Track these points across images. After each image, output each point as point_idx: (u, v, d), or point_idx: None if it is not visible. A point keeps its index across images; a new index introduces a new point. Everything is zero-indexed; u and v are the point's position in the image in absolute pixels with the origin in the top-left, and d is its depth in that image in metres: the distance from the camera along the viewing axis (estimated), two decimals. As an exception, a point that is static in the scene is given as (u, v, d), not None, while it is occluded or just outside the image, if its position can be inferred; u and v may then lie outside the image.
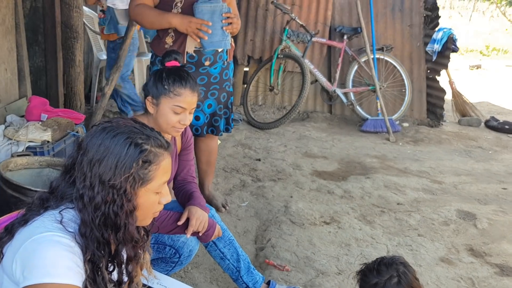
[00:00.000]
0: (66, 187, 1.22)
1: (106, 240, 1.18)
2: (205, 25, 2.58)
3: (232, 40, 2.86)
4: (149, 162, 1.19)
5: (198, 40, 2.62)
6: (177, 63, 2.03)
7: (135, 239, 1.24)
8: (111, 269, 1.23)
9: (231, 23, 2.68)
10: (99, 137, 1.19)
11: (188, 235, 1.95)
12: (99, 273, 1.18)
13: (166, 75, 1.96)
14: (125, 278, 1.30)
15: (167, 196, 1.29)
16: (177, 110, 1.97)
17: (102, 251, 1.18)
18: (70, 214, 1.19)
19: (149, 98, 1.98)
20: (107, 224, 1.17)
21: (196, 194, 2.13)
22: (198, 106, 2.20)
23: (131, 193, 1.18)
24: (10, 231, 1.19)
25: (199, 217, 1.96)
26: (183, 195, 2.17)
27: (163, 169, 1.23)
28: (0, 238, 1.20)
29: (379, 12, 5.51)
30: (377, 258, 1.59)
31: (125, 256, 1.28)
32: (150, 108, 1.99)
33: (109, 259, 1.22)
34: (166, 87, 1.94)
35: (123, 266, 1.27)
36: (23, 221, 1.19)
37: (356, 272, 1.61)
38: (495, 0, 12.09)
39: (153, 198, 1.24)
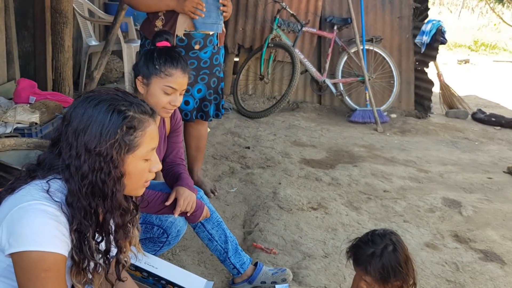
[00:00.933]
0: (53, 159, 1.22)
1: (93, 209, 1.18)
2: (200, 5, 2.58)
3: (224, 25, 2.87)
4: (133, 128, 1.19)
5: (196, 18, 2.62)
6: (168, 44, 2.04)
7: (123, 207, 1.25)
8: (98, 239, 1.24)
9: (225, 5, 2.69)
10: (82, 106, 1.19)
11: (176, 215, 1.96)
12: (86, 242, 1.18)
13: (157, 55, 1.96)
14: (113, 248, 1.30)
15: (157, 164, 1.29)
16: (168, 91, 1.97)
17: (89, 221, 1.18)
18: (57, 184, 1.19)
19: (140, 77, 1.98)
20: (95, 192, 1.17)
21: (184, 175, 2.14)
22: (187, 90, 2.21)
23: (117, 159, 1.18)
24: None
25: (187, 197, 1.97)
26: (171, 177, 2.17)
27: (149, 135, 1.23)
28: None
29: (369, 3, 5.53)
30: (368, 231, 1.62)
31: (113, 226, 1.29)
32: (141, 88, 1.99)
33: (97, 229, 1.22)
34: (157, 67, 1.94)
35: (111, 235, 1.27)
36: (10, 189, 1.19)
37: (348, 248, 1.64)
38: (484, -4, 12.18)
39: (142, 165, 1.24)
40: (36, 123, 2.77)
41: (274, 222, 2.83)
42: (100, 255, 1.25)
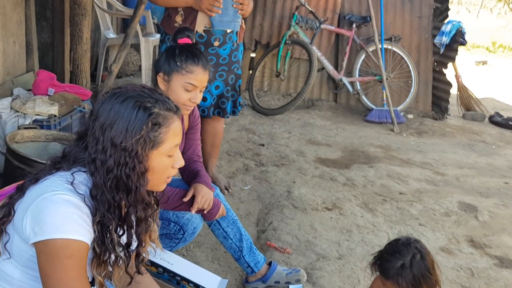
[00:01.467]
0: (79, 152, 1.25)
1: (117, 202, 1.21)
2: (217, 2, 2.58)
3: (243, 22, 2.86)
4: (158, 124, 1.22)
5: (213, 15, 2.61)
6: (189, 40, 2.03)
7: (146, 201, 1.27)
8: (120, 232, 1.25)
9: (242, 3, 2.68)
10: (109, 102, 1.22)
11: (193, 212, 1.96)
12: (108, 235, 1.20)
13: (178, 51, 1.95)
14: (134, 242, 1.32)
15: (180, 160, 1.31)
16: (188, 88, 1.97)
17: (113, 214, 1.20)
18: (81, 177, 1.21)
19: (161, 74, 1.98)
20: (119, 186, 1.20)
21: (202, 172, 2.14)
22: (205, 87, 2.20)
23: (142, 155, 1.20)
24: (21, 189, 1.22)
25: (205, 195, 1.97)
26: (188, 174, 2.17)
27: (173, 131, 1.25)
28: (11, 196, 1.23)
29: (389, 2, 5.48)
30: (389, 242, 1.60)
31: (134, 220, 1.30)
32: (161, 85, 1.99)
33: (119, 222, 1.24)
34: (178, 63, 1.94)
35: (133, 229, 1.29)
36: (34, 179, 1.21)
37: (372, 260, 1.61)
38: (504, -3, 12.00)
39: (165, 161, 1.27)
40: (54, 115, 2.78)
41: (288, 221, 2.83)
42: (121, 248, 1.27)
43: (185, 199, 1.95)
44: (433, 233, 2.90)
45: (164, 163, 1.26)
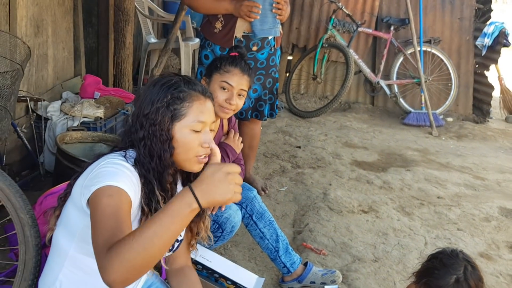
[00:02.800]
0: (128, 132, 1.40)
1: (153, 167, 1.33)
2: (256, 8, 2.64)
3: (281, 27, 2.91)
4: (180, 98, 1.35)
5: (251, 20, 2.68)
6: (237, 54, 2.13)
7: (173, 167, 1.38)
8: (163, 193, 1.37)
9: (280, 9, 2.73)
10: (147, 85, 1.42)
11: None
12: (153, 194, 1.33)
13: (221, 57, 2.07)
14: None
15: (210, 142, 1.37)
16: (224, 86, 2.06)
17: (153, 176, 1.33)
18: (133, 152, 1.36)
19: (204, 78, 2.10)
20: (151, 153, 1.33)
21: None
22: (245, 92, 2.26)
23: (163, 122, 1.33)
24: (82, 167, 1.36)
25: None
26: None
27: (197, 107, 1.36)
28: (74, 179, 1.37)
29: (428, 4, 5.40)
30: (433, 256, 1.53)
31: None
32: (204, 87, 2.09)
33: (160, 185, 1.35)
34: (218, 65, 2.06)
35: (169, 191, 1.41)
36: (95, 158, 1.35)
37: (417, 276, 1.54)
38: (552, -5, 11.52)
39: (190, 135, 1.35)
40: (100, 118, 2.92)
41: (324, 223, 2.85)
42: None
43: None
44: (472, 238, 2.86)
45: (188, 137, 1.35)
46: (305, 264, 2.27)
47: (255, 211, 2.24)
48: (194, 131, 1.35)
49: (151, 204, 1.32)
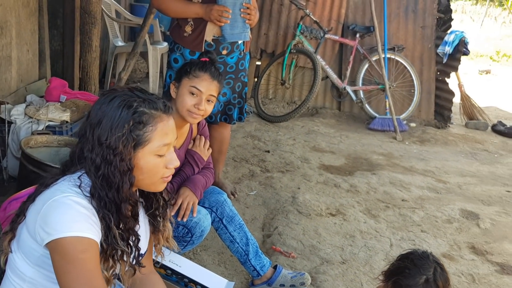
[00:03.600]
0: (80, 153, 1.28)
1: (109, 199, 1.24)
2: (226, 12, 2.66)
3: (250, 32, 2.94)
4: (143, 123, 1.24)
5: (222, 25, 2.69)
6: (207, 60, 2.14)
7: (132, 199, 1.28)
8: (122, 227, 1.29)
9: (249, 14, 2.76)
10: (98, 103, 1.27)
11: (172, 213, 2.03)
12: (110, 231, 1.24)
13: (191, 62, 2.08)
14: (135, 238, 1.33)
15: (174, 161, 1.31)
16: (193, 91, 2.07)
17: (109, 210, 1.24)
18: (87, 179, 1.26)
19: (173, 82, 2.10)
20: (108, 184, 1.23)
21: (193, 177, 2.19)
22: (214, 97, 2.27)
23: (124, 153, 1.23)
24: (32, 195, 1.28)
25: (186, 197, 2.07)
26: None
27: (161, 130, 1.26)
28: (25, 202, 1.28)
29: (392, 12, 5.56)
30: (404, 256, 1.56)
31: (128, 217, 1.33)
32: (173, 93, 2.10)
33: (118, 218, 1.27)
34: (188, 70, 2.07)
35: (129, 224, 1.31)
36: (45, 185, 1.27)
37: (385, 276, 1.56)
38: (507, 6, 12.07)
39: (154, 160, 1.28)
40: (66, 122, 2.87)
41: (293, 226, 2.89)
42: (124, 242, 1.30)
43: (174, 205, 2.04)
44: (435, 240, 2.96)
45: (153, 162, 1.27)
46: (275, 267, 2.29)
47: (225, 215, 2.25)
48: (159, 155, 1.28)
49: (108, 241, 1.24)
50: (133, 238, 1.32)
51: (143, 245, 1.45)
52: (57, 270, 1.19)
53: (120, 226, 1.28)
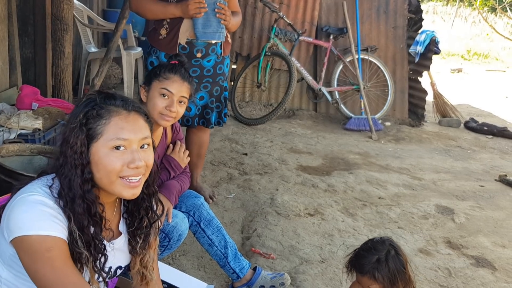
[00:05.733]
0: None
1: (68, 196, 1.22)
2: (202, 3, 2.65)
3: (229, 36, 2.94)
4: (95, 116, 1.23)
5: (201, 16, 2.68)
6: (177, 62, 2.13)
7: (87, 198, 1.23)
8: (85, 230, 1.25)
9: (224, 14, 2.75)
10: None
11: None
12: (71, 231, 1.21)
13: (161, 65, 2.06)
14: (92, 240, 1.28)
15: (136, 161, 1.24)
16: (164, 93, 2.06)
17: (70, 209, 1.21)
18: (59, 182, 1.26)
19: (143, 86, 2.08)
20: (65, 179, 1.23)
21: (167, 182, 2.17)
22: (186, 99, 2.26)
23: (78, 146, 1.22)
24: (11, 195, 1.27)
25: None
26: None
27: (115, 124, 1.23)
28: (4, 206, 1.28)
29: (364, 14, 5.64)
30: (365, 241, 1.68)
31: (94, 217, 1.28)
32: (143, 96, 2.08)
33: (89, 217, 1.24)
34: (158, 72, 2.06)
35: (91, 228, 1.26)
36: (21, 184, 1.28)
37: (349, 259, 1.67)
38: (477, 6, 12.38)
39: (108, 155, 1.22)
40: (39, 129, 2.81)
41: (272, 227, 2.89)
42: (84, 246, 1.24)
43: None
44: (412, 236, 3.00)
45: (108, 158, 1.22)
46: (254, 269, 2.29)
47: (202, 218, 2.24)
48: (115, 149, 1.22)
49: (70, 241, 1.21)
50: (96, 243, 1.27)
51: (123, 260, 1.43)
52: (26, 268, 1.19)
53: (85, 229, 1.24)
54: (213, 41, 2.80)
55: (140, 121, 1.29)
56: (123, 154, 1.24)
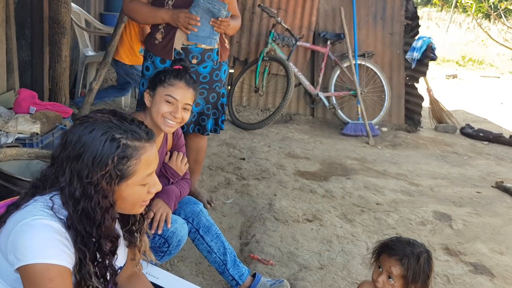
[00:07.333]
0: (53, 177, 1.23)
1: (88, 234, 1.19)
2: (194, 21, 2.61)
3: (227, 41, 2.93)
4: (127, 157, 1.19)
5: (188, 32, 2.67)
6: (181, 67, 2.12)
7: (113, 235, 1.25)
8: (96, 263, 1.24)
9: (219, 27, 2.72)
10: (76, 133, 1.19)
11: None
12: (84, 265, 1.19)
13: (165, 70, 2.05)
14: (107, 272, 1.29)
15: (157, 185, 1.29)
16: (169, 100, 2.04)
17: (86, 245, 1.19)
18: (60, 201, 1.21)
19: (147, 91, 2.07)
20: (88, 218, 1.18)
21: (167, 188, 2.15)
22: (189, 106, 2.25)
23: (107, 189, 1.18)
24: (3, 216, 1.22)
25: (159, 208, 2.04)
26: None
27: (145, 162, 1.22)
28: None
29: (361, 20, 5.67)
30: (394, 237, 1.68)
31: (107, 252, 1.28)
32: (147, 101, 2.07)
33: (95, 252, 1.22)
34: (162, 78, 2.04)
35: (107, 260, 1.26)
36: (16, 206, 1.21)
37: (380, 242, 1.67)
38: (471, 12, 12.47)
39: (138, 190, 1.25)
40: (37, 133, 2.80)
41: (271, 233, 2.89)
42: (97, 279, 1.24)
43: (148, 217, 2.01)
44: (410, 242, 3.00)
45: (137, 193, 1.25)
46: (253, 275, 2.28)
47: (201, 225, 2.23)
48: (143, 185, 1.25)
49: (81, 274, 1.19)
50: (110, 273, 1.27)
51: (121, 260, 1.42)
52: None
53: (97, 260, 1.23)
54: (204, 46, 2.77)
55: (156, 148, 1.30)
56: (147, 183, 1.27)
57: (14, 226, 1.15)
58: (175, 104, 2.06)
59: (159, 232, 2.05)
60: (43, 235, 1.13)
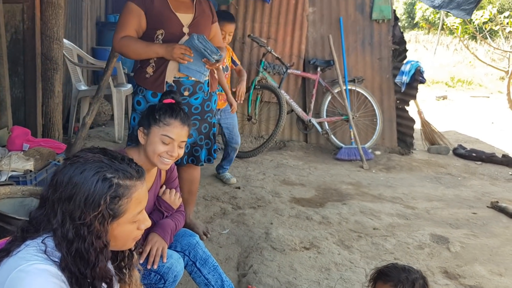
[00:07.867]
0: (43, 218, 1.22)
1: (83, 275, 1.18)
2: (188, 51, 2.66)
3: (215, 71, 2.97)
4: (118, 197, 1.20)
5: (185, 63, 2.70)
6: (172, 101, 2.13)
7: (108, 276, 1.24)
8: None
9: (210, 67, 2.77)
10: (67, 174, 1.19)
11: (141, 260, 1.98)
12: None
13: (158, 107, 2.05)
14: None
15: (146, 222, 1.31)
16: (165, 140, 2.04)
17: (81, 286, 1.18)
18: (53, 243, 1.19)
19: (141, 128, 2.07)
20: (82, 259, 1.17)
21: (162, 221, 2.15)
22: (185, 142, 2.26)
23: (100, 230, 1.18)
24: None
25: (155, 243, 2.03)
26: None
27: (135, 200, 1.24)
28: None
29: (350, 46, 5.77)
30: (390, 263, 1.71)
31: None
32: (141, 139, 2.07)
33: None
34: (157, 117, 2.03)
35: None
36: (6, 251, 1.18)
37: (376, 269, 1.70)
38: (458, 34, 12.73)
39: (129, 228, 1.26)
40: (30, 171, 2.79)
41: (268, 263, 2.86)
42: None
43: (143, 253, 2.00)
44: (408, 266, 2.98)
45: (128, 230, 1.26)
46: (252, 307, 2.26)
47: (198, 258, 2.21)
48: (133, 222, 1.26)
49: None
50: None
51: None
52: None
53: None
54: (193, 78, 2.80)
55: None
56: (139, 223, 1.29)
57: (8, 273, 1.12)
58: (171, 144, 2.06)
59: (155, 267, 2.02)
60: (40, 281, 1.10)
